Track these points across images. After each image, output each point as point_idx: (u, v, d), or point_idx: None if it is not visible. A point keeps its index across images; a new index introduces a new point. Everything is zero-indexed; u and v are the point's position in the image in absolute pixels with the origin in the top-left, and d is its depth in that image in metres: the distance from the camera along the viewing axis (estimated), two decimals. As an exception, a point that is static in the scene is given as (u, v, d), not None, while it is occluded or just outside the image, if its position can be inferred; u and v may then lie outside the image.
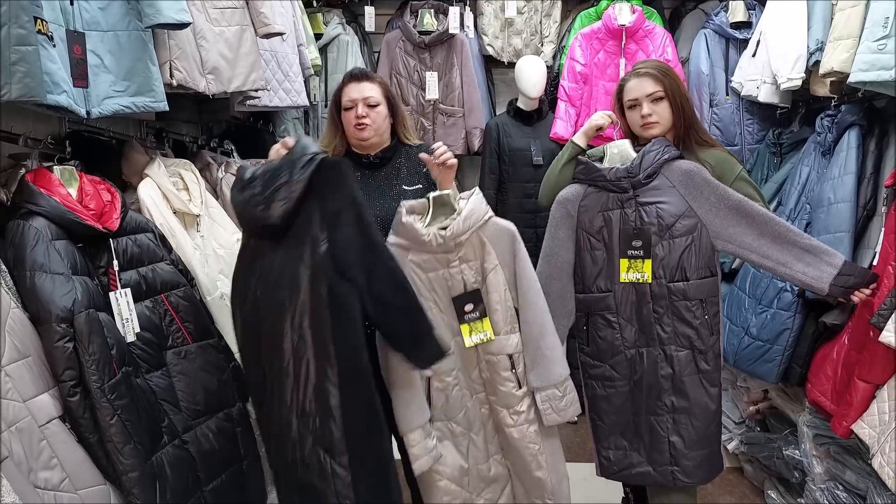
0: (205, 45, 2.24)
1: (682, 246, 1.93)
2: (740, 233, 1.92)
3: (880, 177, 2.25)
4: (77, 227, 1.70)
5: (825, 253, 1.90)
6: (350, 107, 2.06)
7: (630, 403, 2.04)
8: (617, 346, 2.02)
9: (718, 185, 1.92)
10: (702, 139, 2.11)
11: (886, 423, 1.88)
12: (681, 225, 1.93)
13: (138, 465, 1.61)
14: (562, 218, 2.05)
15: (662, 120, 2.05)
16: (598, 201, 2.01)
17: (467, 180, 4.09)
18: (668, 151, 1.96)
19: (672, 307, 1.95)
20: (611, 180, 1.97)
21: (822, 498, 2.28)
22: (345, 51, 3.66)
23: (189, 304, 2.03)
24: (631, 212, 1.96)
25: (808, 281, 1.90)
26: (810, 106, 2.94)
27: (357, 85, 2.07)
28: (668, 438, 2.00)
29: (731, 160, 2.09)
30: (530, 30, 3.81)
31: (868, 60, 2.07)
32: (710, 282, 1.96)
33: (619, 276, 1.99)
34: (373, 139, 2.07)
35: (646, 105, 2.04)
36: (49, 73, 1.55)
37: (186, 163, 2.39)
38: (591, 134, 2.15)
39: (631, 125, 2.12)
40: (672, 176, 1.94)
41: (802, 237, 1.92)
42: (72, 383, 1.55)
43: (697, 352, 1.96)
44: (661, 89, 2.03)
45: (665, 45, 3.41)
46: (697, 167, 1.94)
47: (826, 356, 2.24)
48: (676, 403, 1.99)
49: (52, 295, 1.55)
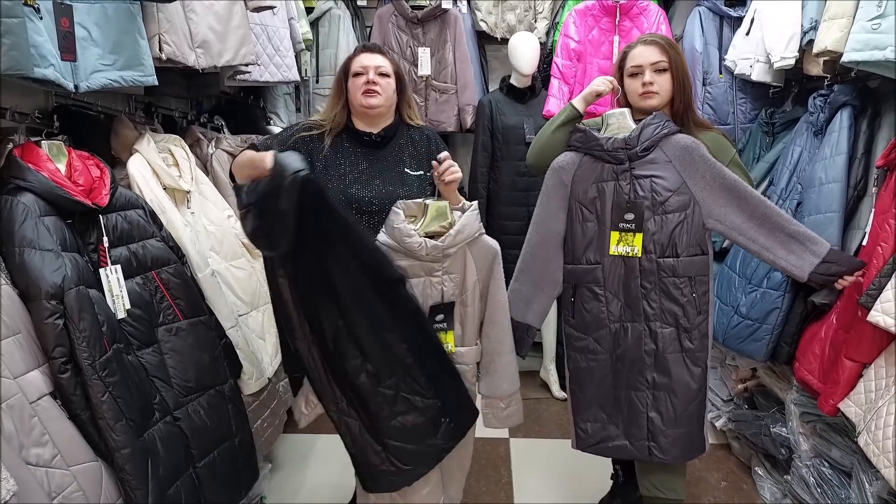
0: (194, 18, 2.20)
1: (674, 222, 1.93)
2: (730, 213, 1.91)
3: (871, 157, 2.25)
4: (66, 203, 1.68)
5: (810, 241, 1.90)
6: (361, 72, 2.03)
7: (611, 377, 2.05)
8: (602, 319, 2.03)
9: (715, 163, 1.92)
10: (697, 120, 2.11)
11: (873, 401, 1.91)
12: (674, 201, 1.92)
13: (130, 442, 1.61)
14: (555, 186, 2.04)
15: (662, 91, 2.03)
16: (592, 171, 1.99)
17: (460, 158, 4.08)
18: (668, 126, 1.94)
19: (660, 283, 1.95)
20: (608, 150, 1.95)
21: (808, 475, 2.32)
22: (336, 25, 3.61)
23: (180, 280, 2.02)
24: (625, 184, 1.95)
25: (788, 268, 1.91)
26: (803, 85, 2.94)
27: (370, 55, 2.05)
28: (647, 414, 2.02)
29: (726, 143, 2.09)
30: (524, 5, 3.77)
31: (861, 40, 2.06)
32: (700, 260, 1.96)
33: (608, 249, 1.98)
34: (380, 109, 2.04)
35: (648, 73, 2.02)
36: (36, 45, 1.52)
37: (176, 138, 2.36)
38: (591, 99, 2.11)
39: (629, 94, 2.09)
40: (669, 151, 1.93)
41: (790, 223, 1.91)
42: (62, 360, 1.54)
43: (682, 329, 1.96)
44: (666, 60, 2.01)
45: (659, 22, 3.40)
46: (696, 143, 1.93)
47: (814, 335, 2.27)
48: (657, 380, 2.00)
49: (42, 271, 1.53)
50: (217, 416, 1.98)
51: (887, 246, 1.93)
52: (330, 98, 2.15)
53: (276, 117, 3.58)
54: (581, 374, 2.10)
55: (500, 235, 3.51)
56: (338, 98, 2.09)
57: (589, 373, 2.08)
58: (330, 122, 2.07)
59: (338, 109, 2.08)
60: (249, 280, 2.43)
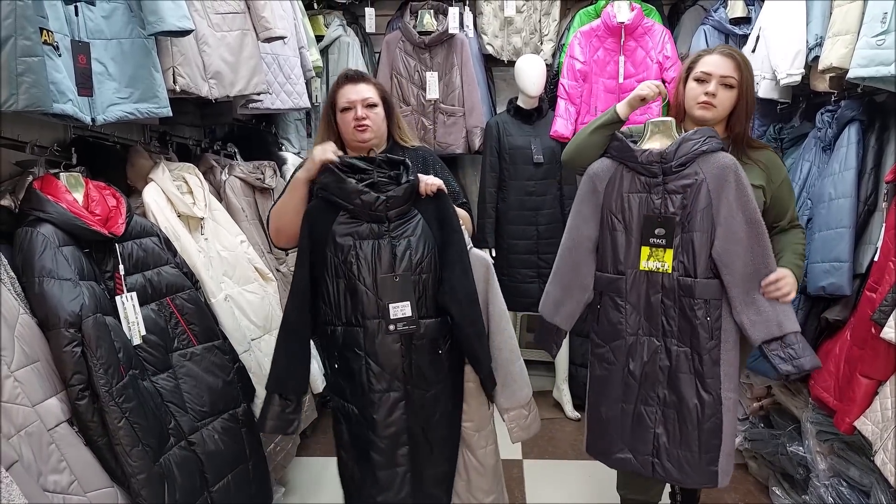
0: (207, 50, 2.26)
1: (696, 242, 1.89)
2: (732, 251, 1.86)
3: (881, 172, 2.24)
4: (83, 233, 1.72)
5: (785, 315, 1.87)
6: (348, 108, 2.01)
7: (622, 389, 2.04)
8: (620, 330, 2.02)
9: (747, 192, 1.84)
10: (752, 143, 2.07)
11: (889, 419, 1.89)
12: (699, 220, 1.88)
13: (146, 467, 1.64)
14: (588, 193, 2.03)
15: (721, 107, 1.97)
16: (625, 181, 1.97)
17: (468, 179, 4.11)
18: (709, 143, 1.87)
19: (679, 302, 1.94)
20: (641, 163, 1.92)
21: (827, 495, 2.29)
22: (346, 52, 3.67)
23: (194, 306, 2.05)
24: (657, 198, 1.92)
25: (745, 324, 1.88)
26: (811, 101, 2.93)
27: (354, 86, 2.03)
28: (654, 430, 2.01)
29: (780, 163, 2.07)
30: (529, 28, 3.82)
31: (867, 56, 2.07)
32: (715, 283, 1.90)
33: (636, 262, 1.96)
34: (373, 140, 2.04)
35: (713, 83, 1.96)
36: (55, 82, 1.57)
37: (190, 166, 2.41)
38: (636, 104, 2.03)
39: (688, 97, 2.02)
40: (706, 168, 1.86)
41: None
42: (80, 387, 1.57)
43: (695, 352, 1.94)
44: (737, 77, 1.96)
45: (664, 41, 3.42)
46: (736, 165, 1.85)
47: (829, 352, 2.25)
48: (668, 398, 1.99)
49: (61, 300, 1.57)
50: (231, 441, 2.00)
51: (899, 261, 1.93)
52: (320, 132, 2.13)
53: (288, 143, 3.63)
54: (596, 382, 2.12)
55: (509, 255, 3.59)
56: (328, 134, 2.08)
57: (602, 382, 2.09)
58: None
59: None
60: (262, 304, 2.46)
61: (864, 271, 2.18)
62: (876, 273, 2.06)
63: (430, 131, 3.67)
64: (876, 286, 2.04)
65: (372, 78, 2.12)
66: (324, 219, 1.84)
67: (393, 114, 2.13)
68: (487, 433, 2.08)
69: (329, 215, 1.84)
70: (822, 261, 2.27)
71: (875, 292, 2.03)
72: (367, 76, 2.10)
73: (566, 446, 3.34)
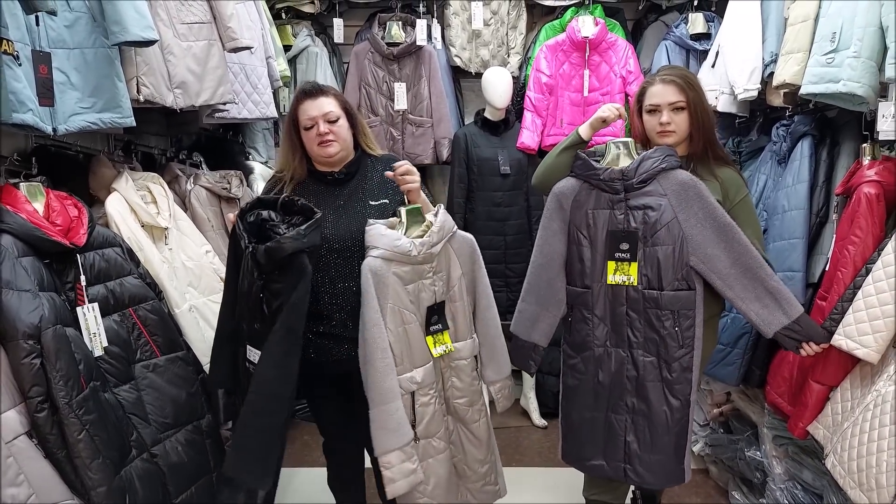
0: (172, 60, 2.25)
1: (661, 255, 1.94)
2: (715, 256, 1.92)
3: (832, 185, 2.32)
4: (44, 244, 1.70)
5: (786, 301, 1.92)
6: (310, 125, 1.99)
7: (592, 398, 2.09)
8: (588, 342, 2.07)
9: (711, 202, 1.92)
10: (718, 155, 2.13)
11: (839, 423, 1.96)
12: (663, 234, 1.93)
13: (107, 480, 1.62)
14: (555, 210, 2.08)
15: (679, 130, 2.07)
16: (589, 199, 2.03)
17: (437, 188, 4.14)
18: (668, 161, 1.95)
19: (644, 313, 1.98)
20: (604, 180, 1.99)
21: (783, 497, 2.35)
22: (314, 62, 3.68)
23: (157, 317, 2.04)
24: (620, 214, 1.98)
25: (757, 321, 1.94)
26: (767, 115, 3.02)
27: (313, 101, 2.00)
28: (625, 437, 2.05)
29: (740, 182, 2.12)
30: (497, 41, 3.87)
31: (818, 73, 2.15)
32: (685, 295, 1.95)
33: (603, 276, 2.01)
34: (339, 154, 2.03)
35: (665, 113, 2.06)
36: (14, 92, 1.56)
37: (154, 176, 2.39)
38: (597, 126, 2.13)
39: (647, 130, 2.14)
40: (666, 185, 1.94)
41: (770, 278, 1.92)
42: (39, 399, 1.55)
43: (663, 360, 1.98)
44: (684, 100, 2.05)
45: (627, 56, 3.50)
46: (694, 180, 1.94)
47: (783, 359, 2.31)
48: (637, 406, 2.03)
49: (19, 312, 1.55)
50: (195, 453, 1.99)
51: (847, 272, 1.99)
52: (283, 149, 2.10)
53: (255, 152, 3.62)
54: (568, 391, 2.16)
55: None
56: (292, 151, 2.05)
57: (574, 391, 2.13)
58: (290, 172, 2.05)
59: (296, 162, 2.04)
60: (228, 315, 2.44)
61: (817, 281, 2.25)
62: (826, 282, 2.14)
63: (398, 142, 3.69)
64: (826, 295, 2.11)
65: (331, 89, 2.08)
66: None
67: (357, 123, 2.10)
68: (480, 407, 2.16)
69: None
70: (776, 271, 2.33)
71: (825, 301, 2.10)
72: (325, 88, 2.06)
73: (533, 453, 3.37)
